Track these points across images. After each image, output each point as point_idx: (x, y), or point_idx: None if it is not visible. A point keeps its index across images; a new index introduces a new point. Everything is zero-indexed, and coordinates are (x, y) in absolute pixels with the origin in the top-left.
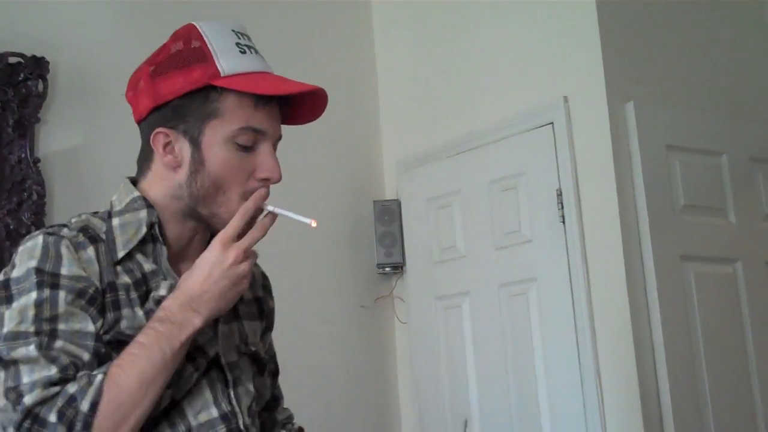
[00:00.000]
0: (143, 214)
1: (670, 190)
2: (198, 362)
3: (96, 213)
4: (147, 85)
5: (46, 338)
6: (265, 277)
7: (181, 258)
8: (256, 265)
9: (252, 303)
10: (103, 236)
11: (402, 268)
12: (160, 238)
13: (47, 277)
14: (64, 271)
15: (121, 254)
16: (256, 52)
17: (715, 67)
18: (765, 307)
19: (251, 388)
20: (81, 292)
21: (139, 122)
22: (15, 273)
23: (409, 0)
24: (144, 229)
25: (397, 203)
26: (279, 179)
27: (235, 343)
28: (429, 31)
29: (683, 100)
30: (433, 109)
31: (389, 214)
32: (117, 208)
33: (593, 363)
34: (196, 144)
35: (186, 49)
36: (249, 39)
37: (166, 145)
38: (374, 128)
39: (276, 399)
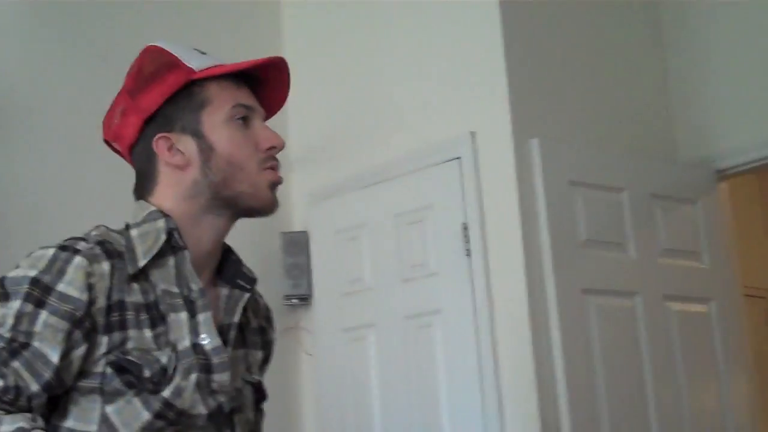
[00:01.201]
0: (161, 223)
1: (573, 225)
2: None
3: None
4: (129, 106)
5: (9, 352)
6: (267, 308)
7: (199, 265)
8: (260, 296)
9: (257, 332)
10: (122, 249)
11: (309, 299)
12: (181, 243)
13: (38, 292)
14: (60, 287)
15: (142, 263)
16: (210, 55)
17: (617, 105)
18: (662, 339)
19: (251, 417)
20: (66, 315)
21: (130, 148)
22: (12, 274)
23: (320, 34)
24: (163, 236)
25: (305, 235)
26: (283, 145)
27: (241, 370)
28: (339, 65)
29: (587, 136)
30: (342, 142)
31: (297, 245)
32: (134, 221)
33: (496, 394)
34: (198, 135)
35: (156, 63)
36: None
37: (170, 148)
38: (283, 160)
39: None
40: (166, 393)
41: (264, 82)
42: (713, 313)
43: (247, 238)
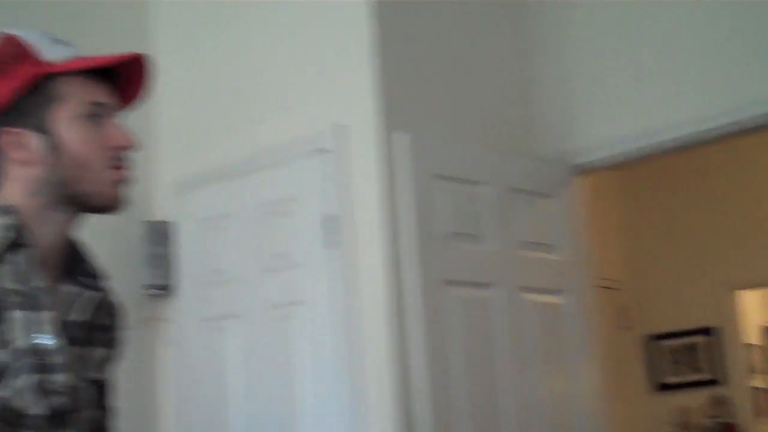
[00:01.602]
0: (5, 219)
1: (436, 218)
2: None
3: None
4: None
5: None
6: (116, 305)
7: (45, 262)
8: (110, 292)
9: (102, 330)
10: None
11: (171, 289)
12: (26, 239)
13: None
14: None
15: None
16: (71, 44)
17: (481, 101)
18: (518, 329)
19: (96, 415)
20: None
21: None
22: None
23: (189, 23)
24: (10, 234)
25: (169, 224)
26: (134, 145)
27: (84, 369)
28: (208, 55)
29: (452, 131)
30: (209, 132)
31: (160, 234)
32: None
33: (357, 384)
34: (46, 131)
35: (7, 54)
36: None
37: (14, 143)
38: (147, 148)
39: None
40: (3, 393)
41: (125, 76)
42: (566, 304)
43: (108, 227)
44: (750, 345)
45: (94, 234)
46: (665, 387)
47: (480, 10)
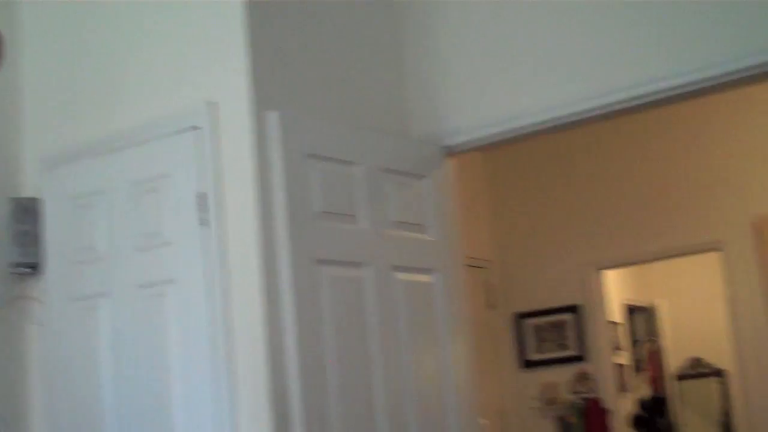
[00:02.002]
0: None
1: (308, 197)
2: None
3: None
4: None
5: None
6: None
7: None
8: None
9: None
10: None
11: (39, 268)
12: None
13: None
14: None
15: None
16: None
17: (356, 81)
18: (389, 307)
19: None
20: None
21: None
22: None
23: None
24: None
25: (37, 201)
26: None
27: None
28: (78, 29)
29: (326, 111)
30: (78, 107)
31: (27, 212)
32: None
33: (228, 363)
34: None
35: None
36: None
37: None
38: (13, 123)
39: None
40: None
41: None
42: (437, 283)
43: None
44: (613, 323)
45: None
46: (532, 364)
47: None
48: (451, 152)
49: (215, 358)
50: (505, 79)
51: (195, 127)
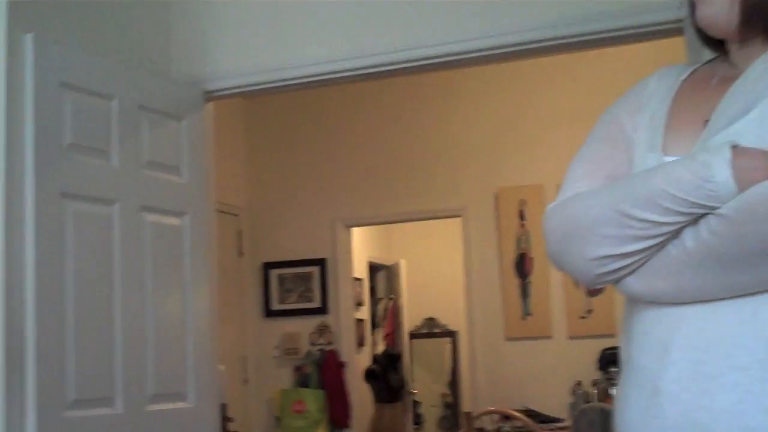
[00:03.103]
0: None
1: (59, 129)
2: None
3: None
4: None
5: None
6: None
7: None
8: None
9: None
10: None
11: None
12: None
13: None
14: None
15: None
16: None
17: (119, 13)
18: (136, 248)
19: None
20: None
21: None
22: None
23: None
24: None
25: None
26: None
27: None
28: None
29: (85, 40)
30: None
31: None
32: None
33: None
34: None
35: None
36: None
37: None
38: None
39: None
40: None
41: None
42: (186, 226)
43: None
44: (357, 279)
45: None
46: (276, 313)
47: None
48: (211, 97)
49: None
50: (272, 29)
51: None
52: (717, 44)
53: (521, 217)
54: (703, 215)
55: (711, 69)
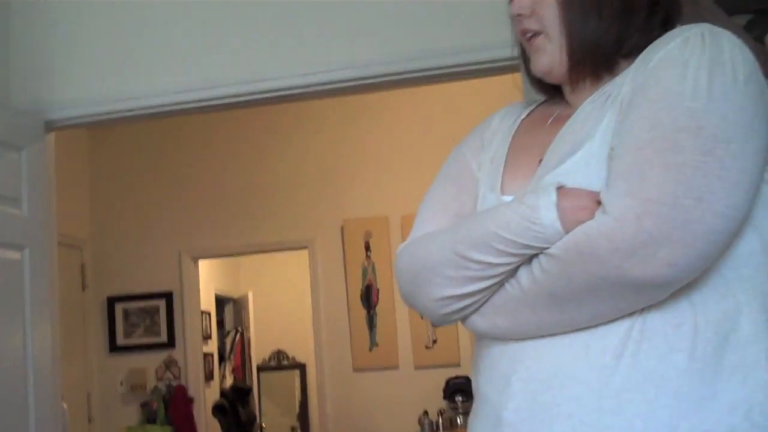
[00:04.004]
0: None
1: None
2: None
3: None
4: None
5: None
6: None
7: None
8: None
9: None
10: None
11: None
12: None
13: None
14: None
15: None
16: None
17: None
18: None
19: None
20: None
21: None
22: None
23: None
24: None
25: None
26: None
27: None
28: None
29: None
30: None
31: None
32: None
33: None
34: None
35: None
36: None
37: None
38: None
39: None
40: None
41: None
42: (26, 260)
43: None
44: (204, 312)
45: None
46: (121, 348)
47: None
48: (53, 127)
49: None
50: (119, 59)
51: None
52: (553, 89)
53: (367, 248)
54: (536, 255)
55: (549, 108)
